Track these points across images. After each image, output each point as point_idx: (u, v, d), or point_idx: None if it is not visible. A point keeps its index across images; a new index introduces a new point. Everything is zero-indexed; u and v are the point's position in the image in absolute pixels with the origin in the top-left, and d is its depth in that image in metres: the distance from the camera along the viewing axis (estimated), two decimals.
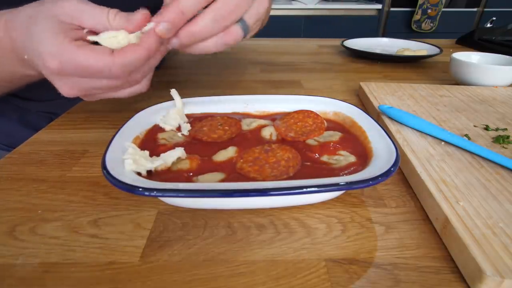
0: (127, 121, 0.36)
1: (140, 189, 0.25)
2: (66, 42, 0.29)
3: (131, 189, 0.25)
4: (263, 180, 0.29)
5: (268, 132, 0.37)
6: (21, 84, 0.41)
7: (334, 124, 0.40)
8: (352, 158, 0.32)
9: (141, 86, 0.36)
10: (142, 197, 0.32)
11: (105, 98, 0.36)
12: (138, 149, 0.31)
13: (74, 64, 0.29)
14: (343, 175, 0.30)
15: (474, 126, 0.43)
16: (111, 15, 0.31)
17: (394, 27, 2.73)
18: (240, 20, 0.34)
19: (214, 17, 0.31)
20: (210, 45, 0.34)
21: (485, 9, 2.69)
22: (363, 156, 0.32)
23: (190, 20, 0.31)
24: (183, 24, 0.31)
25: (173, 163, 0.31)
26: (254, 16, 0.35)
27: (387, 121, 0.43)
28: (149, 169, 0.30)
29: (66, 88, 0.32)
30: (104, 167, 0.27)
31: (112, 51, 0.30)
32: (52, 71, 0.30)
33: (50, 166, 0.37)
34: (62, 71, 0.30)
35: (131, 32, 0.31)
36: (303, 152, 0.33)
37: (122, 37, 0.31)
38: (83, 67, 0.30)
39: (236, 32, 0.34)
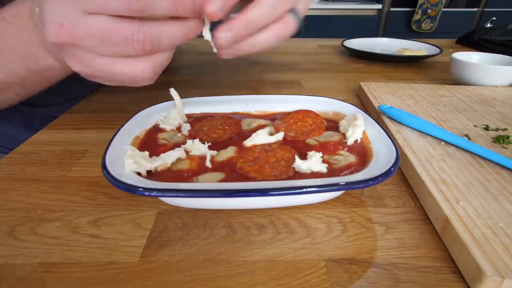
0: (127, 121, 0.36)
1: (140, 189, 0.25)
2: None
3: (131, 189, 0.25)
4: (263, 180, 0.29)
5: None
6: (35, 85, 0.39)
7: (334, 124, 0.40)
8: (352, 158, 0.32)
9: (144, 68, 0.28)
10: (142, 197, 0.32)
11: (95, 67, 0.28)
12: (137, 151, 0.31)
13: None
14: (343, 175, 0.30)
15: (474, 126, 0.43)
16: None
17: (394, 27, 2.73)
18: (292, 10, 0.29)
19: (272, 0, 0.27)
20: (262, 40, 0.29)
21: (485, 9, 2.69)
22: (363, 156, 0.32)
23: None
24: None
25: (173, 163, 0.31)
26: (305, 6, 0.30)
27: (387, 121, 0.43)
28: (149, 169, 0.30)
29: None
30: (104, 167, 0.27)
31: None
32: None
33: (50, 166, 0.37)
34: None
35: None
36: (303, 152, 0.33)
37: None
38: None
39: (290, 22, 0.30)
